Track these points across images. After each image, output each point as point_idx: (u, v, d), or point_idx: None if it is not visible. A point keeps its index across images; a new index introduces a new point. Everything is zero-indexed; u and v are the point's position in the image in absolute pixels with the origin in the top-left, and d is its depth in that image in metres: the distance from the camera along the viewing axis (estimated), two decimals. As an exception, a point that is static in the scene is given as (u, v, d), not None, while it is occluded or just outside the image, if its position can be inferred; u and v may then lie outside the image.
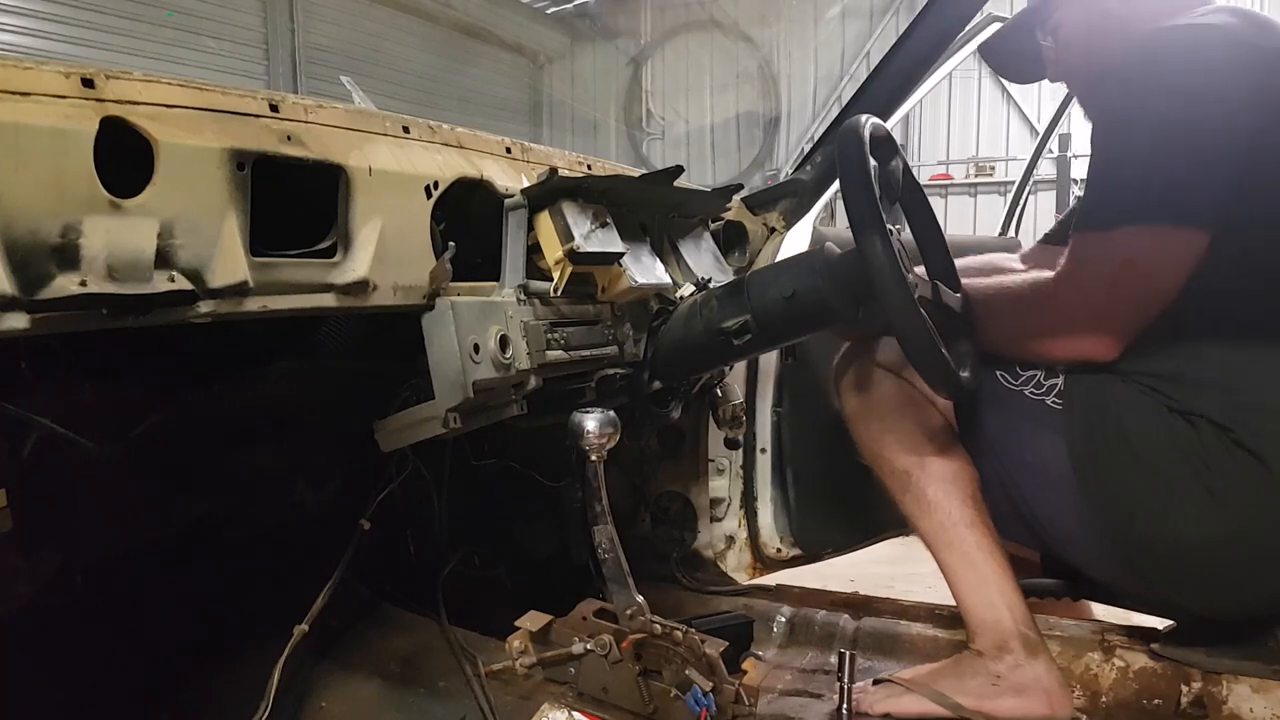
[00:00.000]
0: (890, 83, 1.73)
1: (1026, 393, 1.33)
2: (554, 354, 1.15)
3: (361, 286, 0.92)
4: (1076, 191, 6.94)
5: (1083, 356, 1.23)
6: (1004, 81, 9.08)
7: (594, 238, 1.18)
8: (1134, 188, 1.17)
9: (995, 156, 9.64)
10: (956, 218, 9.45)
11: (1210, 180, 1.13)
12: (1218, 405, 1.16)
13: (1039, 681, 1.25)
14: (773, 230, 1.84)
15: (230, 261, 0.79)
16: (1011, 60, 1.54)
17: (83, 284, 0.68)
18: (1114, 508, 1.23)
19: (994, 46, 1.57)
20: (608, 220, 1.23)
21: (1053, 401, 1.30)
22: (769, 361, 1.86)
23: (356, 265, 0.91)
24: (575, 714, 1.04)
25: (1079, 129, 7.06)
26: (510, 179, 1.16)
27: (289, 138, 0.86)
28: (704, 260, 1.55)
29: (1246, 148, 1.12)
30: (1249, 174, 1.13)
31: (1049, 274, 1.25)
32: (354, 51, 8.48)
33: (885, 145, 1.25)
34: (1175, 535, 1.18)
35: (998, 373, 1.34)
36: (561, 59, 11.35)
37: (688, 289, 1.40)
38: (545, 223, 1.16)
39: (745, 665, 1.48)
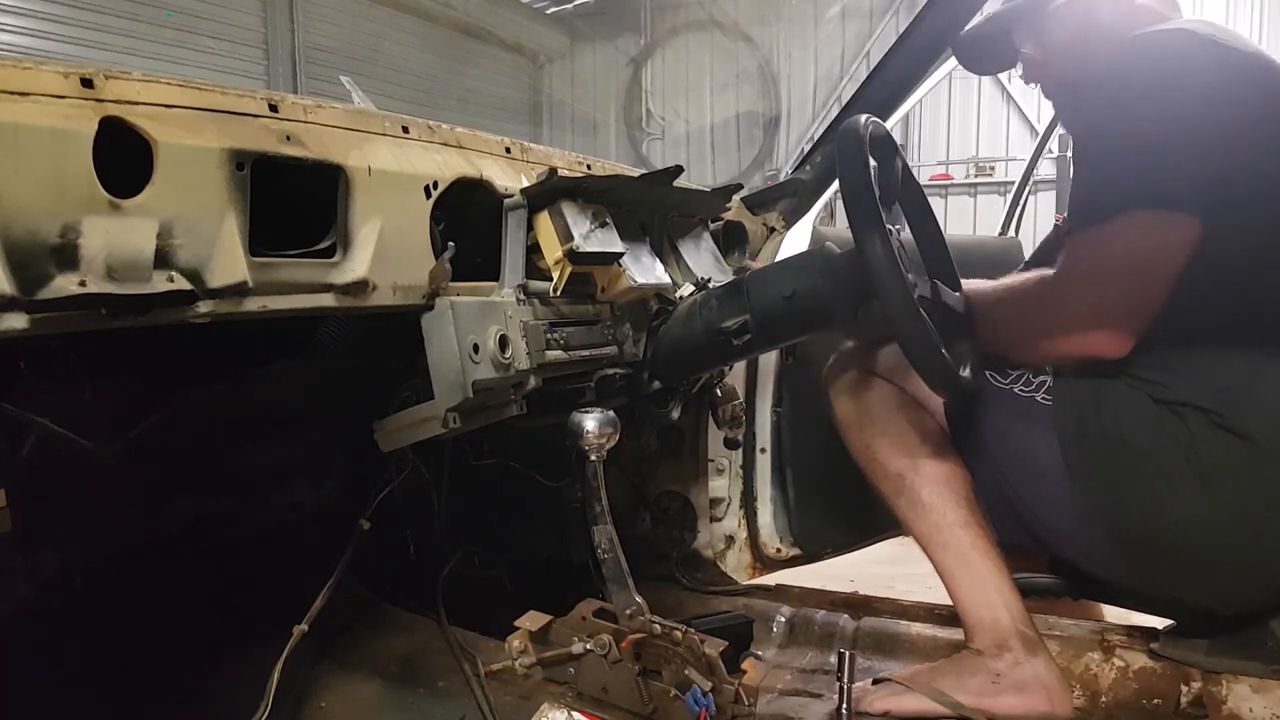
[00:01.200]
0: (890, 83, 1.73)
1: (1016, 390, 1.34)
2: (553, 354, 1.15)
3: (361, 286, 0.92)
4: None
5: (1091, 353, 1.23)
6: (1004, 82, 9.18)
7: (593, 238, 1.18)
8: (1119, 181, 1.18)
9: (995, 156, 9.64)
10: (956, 218, 9.45)
11: (1193, 167, 1.14)
12: (1201, 391, 1.17)
13: (1039, 679, 1.25)
14: (772, 230, 1.84)
15: (229, 261, 0.79)
16: (979, 55, 1.57)
17: (82, 284, 0.68)
18: (1109, 499, 1.23)
19: (966, 42, 1.59)
20: (607, 220, 1.23)
21: (1042, 398, 1.31)
22: (769, 361, 1.86)
23: (356, 265, 0.91)
24: (575, 714, 1.04)
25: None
26: (510, 179, 1.16)
27: (288, 138, 0.86)
28: (704, 260, 1.55)
29: (1226, 144, 1.13)
30: (1230, 168, 1.14)
31: (1050, 273, 1.25)
32: (354, 51, 8.47)
33: (885, 145, 1.25)
34: (1170, 522, 1.18)
35: (986, 372, 1.35)
36: (561, 59, 11.34)
37: (687, 289, 1.40)
38: (545, 223, 1.16)
39: (745, 665, 1.48)
